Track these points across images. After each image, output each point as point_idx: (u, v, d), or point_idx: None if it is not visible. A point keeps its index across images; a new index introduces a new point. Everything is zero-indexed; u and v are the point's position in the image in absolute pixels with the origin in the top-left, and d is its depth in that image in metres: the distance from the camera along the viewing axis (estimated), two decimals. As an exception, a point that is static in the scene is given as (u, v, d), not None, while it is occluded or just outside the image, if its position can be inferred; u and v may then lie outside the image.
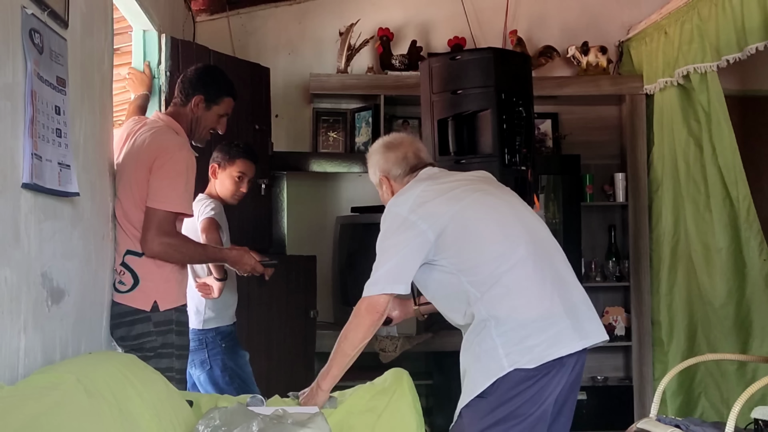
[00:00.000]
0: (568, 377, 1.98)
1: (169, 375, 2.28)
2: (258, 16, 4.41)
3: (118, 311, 2.35)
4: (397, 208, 2.12)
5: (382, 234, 2.13)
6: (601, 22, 4.55)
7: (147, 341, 2.34)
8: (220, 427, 1.64)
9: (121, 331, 2.35)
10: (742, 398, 2.41)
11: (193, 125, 2.56)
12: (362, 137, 4.35)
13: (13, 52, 1.59)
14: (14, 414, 1.20)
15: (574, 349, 1.96)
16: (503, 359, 1.93)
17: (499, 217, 2.09)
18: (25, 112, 1.63)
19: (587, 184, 4.42)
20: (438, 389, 3.98)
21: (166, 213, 2.32)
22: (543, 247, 2.09)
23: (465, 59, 3.26)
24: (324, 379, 2.15)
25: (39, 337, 1.72)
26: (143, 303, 2.35)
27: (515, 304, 1.97)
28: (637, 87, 4.33)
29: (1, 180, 1.53)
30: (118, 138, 2.56)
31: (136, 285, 2.35)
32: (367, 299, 2.08)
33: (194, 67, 2.65)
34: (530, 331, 1.94)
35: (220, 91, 2.58)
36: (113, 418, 1.45)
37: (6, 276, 1.55)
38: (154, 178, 2.33)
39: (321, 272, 3.95)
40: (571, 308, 2.00)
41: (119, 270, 2.37)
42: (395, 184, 2.29)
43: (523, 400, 1.93)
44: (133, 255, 2.36)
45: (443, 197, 2.09)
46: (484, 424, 1.96)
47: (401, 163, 2.28)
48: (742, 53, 3.54)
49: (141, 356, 2.18)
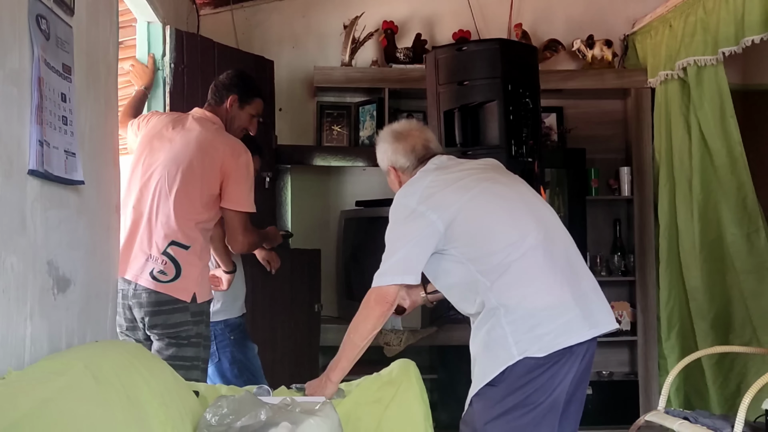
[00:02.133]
0: (579, 366, 1.96)
1: (197, 364, 2.43)
2: (262, 10, 4.40)
3: (156, 299, 2.44)
4: (406, 199, 2.10)
5: (391, 225, 2.11)
6: (607, 15, 4.54)
7: (183, 330, 2.45)
8: (228, 415, 1.63)
9: (159, 318, 2.43)
10: (753, 390, 2.40)
11: (228, 124, 2.71)
12: (366, 131, 4.33)
13: (20, 37, 1.58)
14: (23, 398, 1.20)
15: (584, 338, 1.95)
16: (513, 347, 1.92)
17: (509, 206, 2.08)
18: (32, 99, 1.61)
19: (592, 178, 4.40)
20: (443, 383, 3.97)
21: (247, 215, 2.59)
22: (553, 235, 2.07)
23: (471, 50, 3.25)
24: (333, 371, 2.13)
25: (45, 326, 1.70)
26: (184, 294, 2.46)
27: (525, 292, 1.96)
28: (642, 81, 4.31)
29: (7, 166, 1.52)
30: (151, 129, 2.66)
31: (178, 276, 2.45)
32: (376, 290, 2.06)
33: (226, 72, 2.79)
34: (540, 320, 1.93)
35: (252, 92, 2.77)
36: (121, 405, 1.44)
37: (12, 263, 1.53)
38: (233, 182, 2.53)
39: (325, 266, 3.94)
40: (581, 296, 1.99)
41: (161, 260, 2.42)
42: (403, 175, 2.27)
43: (533, 389, 1.92)
44: (179, 247, 2.45)
45: (452, 187, 2.07)
46: (495, 413, 1.95)
47: (409, 155, 2.25)
48: (737, 46, 3.52)
49: (175, 343, 2.34)
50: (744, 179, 3.75)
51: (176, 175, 2.50)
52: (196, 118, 2.68)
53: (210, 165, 2.52)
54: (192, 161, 2.52)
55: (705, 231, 3.87)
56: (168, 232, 2.46)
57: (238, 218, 2.56)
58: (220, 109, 2.71)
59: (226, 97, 2.71)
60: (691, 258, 3.95)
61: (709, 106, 3.82)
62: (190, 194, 2.50)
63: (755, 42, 3.43)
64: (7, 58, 1.52)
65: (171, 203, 2.48)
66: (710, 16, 3.71)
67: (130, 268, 2.49)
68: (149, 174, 2.57)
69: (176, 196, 2.48)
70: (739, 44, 3.50)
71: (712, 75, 3.79)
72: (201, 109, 2.74)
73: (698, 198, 3.89)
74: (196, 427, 1.70)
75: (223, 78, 2.76)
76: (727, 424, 2.55)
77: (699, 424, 2.61)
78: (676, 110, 4.05)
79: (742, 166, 3.75)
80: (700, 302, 3.90)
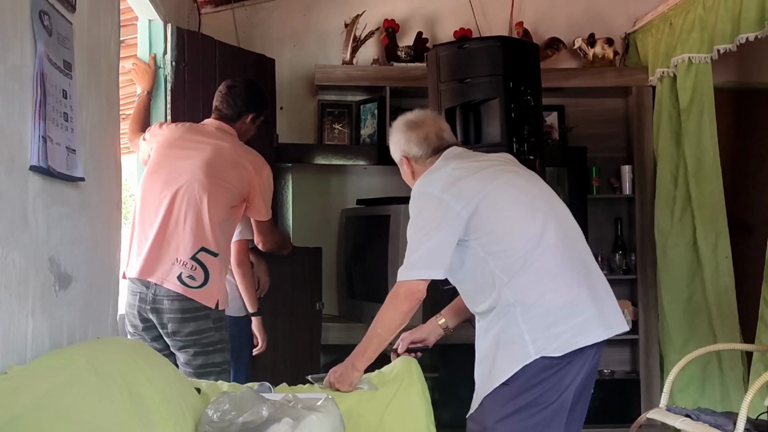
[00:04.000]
0: (588, 367, 1.95)
1: (225, 368, 2.51)
2: (263, 8, 4.40)
3: (186, 306, 2.47)
4: (429, 188, 2.03)
5: (415, 216, 2.04)
6: (608, 13, 4.53)
7: (206, 336, 2.49)
8: (229, 411, 1.63)
9: (187, 326, 2.47)
10: (755, 387, 2.40)
11: (241, 136, 2.80)
12: (367, 129, 4.33)
13: (22, 33, 1.58)
14: (24, 393, 1.19)
15: (600, 338, 1.94)
16: (529, 346, 1.90)
17: (531, 201, 2.04)
18: (35, 95, 1.61)
19: (593, 177, 4.39)
20: (444, 383, 3.96)
21: (271, 219, 2.86)
22: (570, 233, 2.05)
23: (473, 48, 3.25)
24: (359, 360, 2.12)
25: (47, 322, 1.70)
26: (210, 300, 2.50)
27: (543, 290, 1.93)
28: (643, 79, 4.31)
29: (9, 162, 1.52)
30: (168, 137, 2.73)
31: (206, 282, 2.48)
32: (405, 284, 2.01)
33: (241, 84, 2.82)
34: (557, 318, 1.91)
35: (265, 106, 2.90)
36: (123, 400, 1.43)
37: (14, 259, 1.53)
38: (260, 194, 2.70)
39: (326, 265, 3.93)
40: (596, 296, 1.97)
41: (190, 264, 2.45)
42: (416, 165, 2.21)
43: (545, 388, 1.91)
44: (208, 253, 2.49)
45: (476, 175, 2.02)
46: (506, 411, 1.93)
47: (422, 144, 2.19)
48: (732, 44, 3.52)
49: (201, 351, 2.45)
50: (714, 187, 3.79)
51: (208, 184, 2.54)
52: (219, 129, 2.74)
53: (239, 179, 2.62)
54: (224, 172, 2.59)
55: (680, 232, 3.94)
56: (198, 238, 2.49)
57: (265, 225, 2.83)
58: (236, 124, 2.78)
59: (244, 115, 2.78)
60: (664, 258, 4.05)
61: (690, 104, 3.83)
62: (220, 203, 2.55)
63: (750, 40, 3.42)
64: (9, 53, 1.51)
65: (204, 210, 2.51)
66: (709, 13, 3.71)
67: (156, 272, 2.50)
68: (175, 180, 2.58)
69: (209, 203, 2.52)
70: (733, 42, 3.50)
71: (698, 73, 3.80)
72: (218, 122, 2.77)
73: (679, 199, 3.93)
74: (198, 423, 1.70)
75: (239, 92, 2.78)
76: (729, 421, 2.54)
77: (701, 422, 2.61)
78: (666, 108, 4.05)
79: (713, 170, 3.79)
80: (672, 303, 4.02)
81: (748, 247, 4.14)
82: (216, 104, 2.81)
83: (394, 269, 3.64)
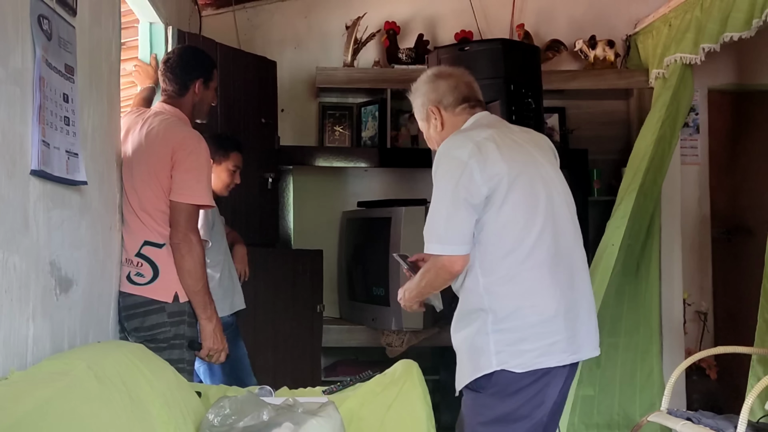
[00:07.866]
0: (563, 386, 1.95)
1: (180, 366, 2.28)
2: (264, 10, 4.40)
3: (132, 302, 2.34)
4: (457, 150, 1.91)
5: (441, 179, 1.93)
6: (609, 15, 4.52)
7: (160, 332, 2.34)
8: (230, 415, 1.63)
9: (135, 322, 2.34)
10: (755, 391, 2.39)
11: (195, 109, 2.58)
12: (368, 132, 4.33)
13: (22, 37, 1.58)
14: (25, 398, 1.19)
15: (563, 363, 1.92)
16: (493, 357, 1.90)
17: (534, 208, 1.94)
18: (34, 99, 1.61)
19: (594, 179, 4.39)
20: (445, 384, 3.96)
21: (194, 207, 2.37)
22: (565, 248, 1.98)
23: (474, 50, 3.24)
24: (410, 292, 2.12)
25: (48, 326, 1.70)
26: (164, 294, 2.35)
27: (521, 304, 1.90)
28: (644, 81, 4.28)
29: (10, 166, 1.52)
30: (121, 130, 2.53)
31: (156, 276, 2.34)
32: (445, 258, 1.91)
33: (174, 53, 2.63)
34: (526, 336, 1.89)
35: (212, 66, 2.63)
36: (123, 405, 1.43)
37: (15, 263, 1.53)
38: (178, 171, 2.34)
39: (327, 267, 3.94)
40: (573, 319, 1.94)
41: (136, 262, 2.35)
42: (446, 114, 2.09)
43: (524, 400, 1.91)
44: (152, 246, 2.34)
45: (504, 152, 1.92)
46: (488, 417, 1.94)
47: (453, 91, 2.09)
48: (716, 44, 3.50)
49: (154, 347, 2.18)
50: (655, 193, 3.82)
51: (132, 175, 2.38)
52: (154, 113, 2.53)
53: (161, 159, 2.36)
54: (144, 159, 2.38)
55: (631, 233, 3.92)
56: (138, 232, 2.36)
57: (182, 209, 2.35)
58: (185, 99, 2.55)
59: (190, 84, 2.54)
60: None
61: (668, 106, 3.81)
62: (148, 191, 2.36)
63: (734, 39, 3.38)
64: (9, 57, 1.52)
65: (135, 203, 2.36)
66: (705, 14, 3.69)
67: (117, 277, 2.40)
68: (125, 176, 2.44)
69: (135, 195, 2.37)
70: (717, 42, 3.48)
71: (681, 75, 3.77)
72: (161, 104, 2.58)
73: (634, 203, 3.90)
74: (199, 427, 1.70)
75: (175, 62, 2.56)
76: (729, 424, 2.54)
77: (702, 425, 2.61)
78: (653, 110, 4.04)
79: (660, 176, 3.79)
80: None
81: (748, 248, 4.14)
82: (162, 86, 2.61)
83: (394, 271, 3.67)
